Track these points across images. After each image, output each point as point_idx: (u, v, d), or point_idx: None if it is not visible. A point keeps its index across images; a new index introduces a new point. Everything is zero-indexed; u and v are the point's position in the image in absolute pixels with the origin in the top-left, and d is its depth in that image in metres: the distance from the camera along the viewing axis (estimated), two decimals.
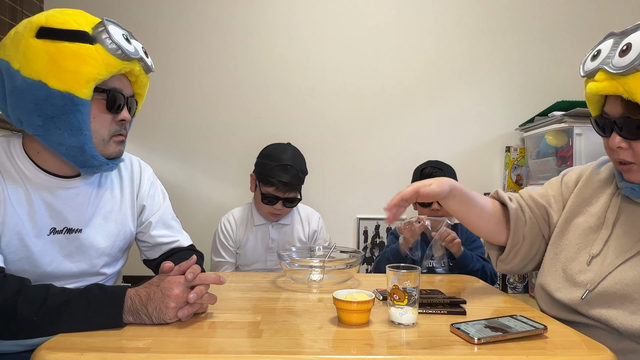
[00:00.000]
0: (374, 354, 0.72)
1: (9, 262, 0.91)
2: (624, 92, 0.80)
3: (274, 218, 1.73)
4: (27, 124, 0.92)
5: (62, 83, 0.88)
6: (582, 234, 0.98)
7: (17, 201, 0.93)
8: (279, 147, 1.71)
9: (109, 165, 1.00)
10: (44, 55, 0.87)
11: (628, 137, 0.85)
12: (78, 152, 0.94)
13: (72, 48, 0.88)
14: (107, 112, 0.96)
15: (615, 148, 0.87)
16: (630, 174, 0.89)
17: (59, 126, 0.90)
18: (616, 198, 0.95)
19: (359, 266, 1.21)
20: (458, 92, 2.38)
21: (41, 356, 0.69)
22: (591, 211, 0.99)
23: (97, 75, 0.90)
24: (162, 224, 1.16)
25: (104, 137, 0.97)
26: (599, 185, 1.01)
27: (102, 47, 0.90)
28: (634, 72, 0.77)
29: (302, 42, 2.36)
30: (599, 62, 0.85)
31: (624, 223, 0.92)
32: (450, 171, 1.72)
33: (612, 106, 0.86)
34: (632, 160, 0.87)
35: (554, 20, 2.37)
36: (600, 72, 0.84)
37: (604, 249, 0.93)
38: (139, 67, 0.99)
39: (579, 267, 0.96)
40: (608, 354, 0.73)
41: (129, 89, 1.02)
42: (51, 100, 0.88)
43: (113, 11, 2.31)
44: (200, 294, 0.86)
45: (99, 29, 0.91)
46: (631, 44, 0.79)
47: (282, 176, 1.60)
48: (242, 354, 0.70)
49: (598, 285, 0.90)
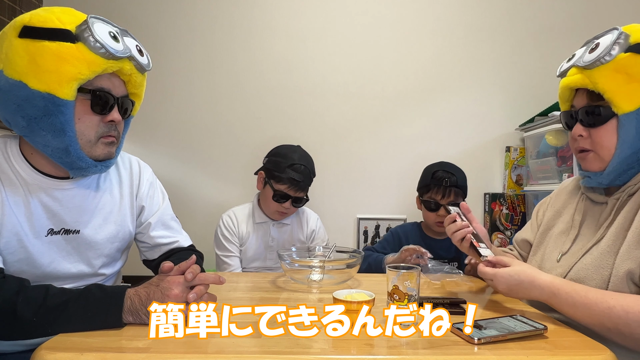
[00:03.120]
0: (374, 354, 0.72)
1: (8, 263, 0.91)
2: (589, 83, 0.93)
3: (280, 216, 1.74)
4: (13, 125, 0.92)
5: (42, 83, 0.86)
6: (556, 239, 1.09)
7: (15, 202, 0.92)
8: (290, 148, 1.73)
9: (98, 168, 0.97)
10: (24, 55, 0.85)
11: (588, 124, 0.96)
12: (63, 153, 0.92)
13: (52, 47, 0.85)
14: (93, 113, 0.93)
15: (577, 137, 0.98)
16: (587, 161, 0.99)
17: (42, 127, 0.89)
18: (582, 202, 1.07)
19: (358, 266, 1.21)
20: (458, 92, 2.37)
21: (41, 356, 0.69)
22: (563, 219, 1.11)
23: (78, 74, 0.87)
24: (161, 225, 1.16)
25: (90, 138, 0.94)
26: (568, 197, 1.13)
27: (85, 45, 0.87)
28: (599, 64, 0.90)
29: (302, 42, 2.35)
30: (572, 62, 0.99)
31: (588, 222, 1.03)
32: (461, 176, 1.71)
33: (579, 99, 0.99)
34: (590, 148, 0.97)
35: (554, 21, 2.36)
36: (572, 69, 0.98)
37: (572, 247, 1.03)
38: (129, 65, 0.96)
39: (550, 264, 1.06)
40: (608, 353, 0.73)
41: (120, 89, 0.98)
42: (32, 101, 0.86)
43: (113, 11, 2.30)
44: (200, 294, 0.86)
45: (82, 27, 0.88)
46: (599, 43, 0.93)
47: (295, 174, 1.63)
48: (242, 354, 0.70)
49: (566, 276, 0.99)
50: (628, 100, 0.89)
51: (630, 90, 0.89)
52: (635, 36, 0.89)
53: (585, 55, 0.94)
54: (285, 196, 1.66)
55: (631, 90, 0.89)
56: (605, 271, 0.92)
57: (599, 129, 0.94)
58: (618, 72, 0.89)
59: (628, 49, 0.88)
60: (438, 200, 1.66)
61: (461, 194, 1.69)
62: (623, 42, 0.89)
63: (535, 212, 1.24)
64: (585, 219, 1.04)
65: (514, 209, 2.31)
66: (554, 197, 1.19)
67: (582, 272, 0.96)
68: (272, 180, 1.66)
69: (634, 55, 0.88)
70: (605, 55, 0.89)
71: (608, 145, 0.94)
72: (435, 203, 1.67)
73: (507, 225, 2.30)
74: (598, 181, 0.98)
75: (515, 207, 2.31)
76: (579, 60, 0.96)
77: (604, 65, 0.89)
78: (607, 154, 0.95)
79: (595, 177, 0.98)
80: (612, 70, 0.89)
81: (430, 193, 1.69)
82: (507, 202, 2.31)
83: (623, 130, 0.91)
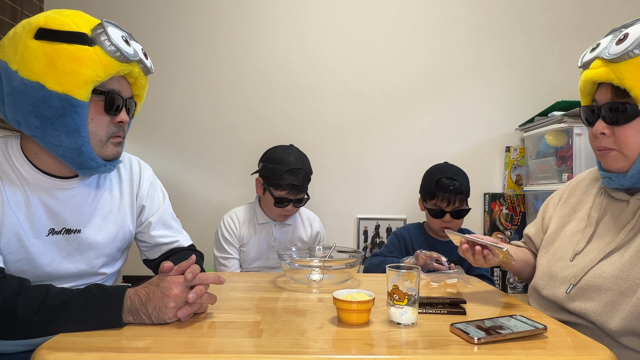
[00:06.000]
0: (374, 354, 0.72)
1: (8, 263, 0.91)
2: (614, 78, 0.84)
3: (284, 219, 1.76)
4: (24, 125, 0.92)
5: (60, 85, 0.88)
6: (570, 237, 1.02)
7: (15, 202, 0.92)
8: (284, 150, 1.71)
9: (107, 167, 1.00)
10: (41, 57, 0.87)
11: (611, 122, 0.88)
12: (75, 153, 0.93)
13: (70, 50, 0.88)
14: (104, 113, 0.96)
15: (599, 135, 0.91)
16: (608, 159, 0.92)
17: (56, 127, 0.90)
18: (599, 197, 0.99)
19: (359, 266, 1.21)
20: (458, 92, 2.37)
21: (41, 356, 0.69)
22: (579, 216, 1.03)
23: (95, 77, 0.90)
24: (161, 224, 1.16)
25: (102, 138, 0.97)
26: (584, 191, 1.05)
27: (101, 49, 0.90)
28: (627, 58, 0.82)
29: (302, 41, 2.35)
30: (596, 53, 0.89)
31: (607, 220, 0.96)
32: (465, 181, 1.70)
33: (602, 94, 0.90)
34: (613, 147, 0.90)
35: (554, 20, 2.36)
36: (596, 61, 0.88)
37: (587, 246, 0.96)
38: (138, 68, 0.99)
39: (563, 264, 1.00)
40: (608, 353, 0.73)
41: (127, 91, 1.01)
42: (49, 101, 0.88)
43: (113, 12, 2.31)
44: (200, 294, 0.86)
45: (97, 30, 0.91)
46: (628, 34, 0.83)
47: (294, 179, 1.63)
48: (242, 354, 0.70)
49: (581, 279, 0.94)
50: None
51: None
52: None
53: (612, 47, 0.85)
54: (287, 200, 1.66)
55: None
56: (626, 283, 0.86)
57: (624, 127, 0.87)
58: None
59: None
60: (443, 207, 1.67)
61: (465, 199, 1.70)
62: None
63: (543, 208, 1.17)
64: (603, 217, 0.96)
65: (514, 209, 2.31)
66: (568, 192, 1.10)
67: (599, 280, 0.91)
68: (271, 188, 1.66)
69: None
70: (635, 49, 0.81)
71: (633, 145, 0.86)
72: (441, 211, 1.67)
73: (506, 225, 2.30)
74: (620, 183, 0.91)
75: (515, 207, 2.31)
76: (604, 51, 0.86)
77: (633, 59, 0.81)
78: (633, 154, 0.87)
79: (618, 178, 0.91)
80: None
81: (435, 200, 1.68)
82: (506, 202, 2.31)
83: None
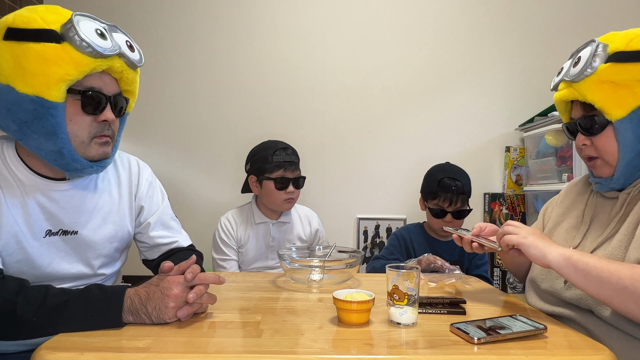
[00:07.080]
0: (374, 354, 0.72)
1: (7, 265, 0.91)
2: (579, 95, 0.96)
3: (289, 205, 1.75)
4: (5, 129, 0.90)
5: (30, 86, 0.84)
6: (565, 233, 1.08)
7: (12, 204, 0.92)
8: (264, 142, 1.79)
9: (94, 168, 0.96)
10: (9, 59, 0.83)
11: (588, 133, 0.98)
12: (57, 156, 0.91)
13: (37, 49, 0.82)
14: (84, 113, 0.91)
15: (581, 146, 1.01)
16: (598, 169, 1.01)
17: (33, 131, 0.87)
18: (592, 198, 1.07)
19: (359, 266, 1.21)
20: (458, 92, 2.38)
21: (41, 356, 0.69)
22: (573, 215, 1.10)
23: (65, 75, 0.85)
24: (160, 225, 1.16)
25: (84, 139, 0.93)
26: (577, 194, 1.14)
27: (70, 45, 0.84)
28: (583, 77, 0.93)
29: (302, 41, 2.35)
30: (561, 76, 1.02)
31: (600, 217, 1.03)
32: (466, 181, 1.70)
33: (576, 110, 1.02)
34: (596, 155, 1.00)
35: (554, 20, 2.37)
36: (562, 83, 1.01)
37: (582, 241, 1.02)
38: (119, 63, 0.93)
39: None
40: (608, 353, 0.73)
41: (112, 87, 0.96)
42: (21, 105, 0.85)
43: (113, 11, 2.30)
44: (200, 294, 0.86)
45: (67, 25, 0.85)
46: (581, 57, 0.96)
47: (285, 156, 1.70)
48: (242, 354, 0.70)
49: None
50: (618, 107, 0.91)
51: (619, 97, 0.91)
52: (612, 45, 0.91)
53: (571, 70, 0.98)
54: (286, 180, 1.68)
55: (620, 97, 0.90)
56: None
57: (599, 137, 0.97)
58: (603, 82, 0.91)
59: (608, 59, 0.91)
60: (445, 208, 1.66)
61: (467, 199, 1.70)
62: (602, 53, 0.92)
63: (543, 211, 1.25)
64: (596, 214, 1.04)
65: (514, 209, 2.31)
66: (563, 195, 1.20)
67: None
68: (265, 174, 1.69)
69: (614, 64, 0.89)
70: (587, 68, 0.92)
71: (611, 151, 0.96)
72: (442, 211, 1.67)
73: None
74: (610, 186, 1.00)
75: (515, 207, 2.31)
76: (566, 74, 0.99)
77: (589, 77, 0.92)
78: (612, 159, 0.96)
79: (607, 182, 1.00)
80: (597, 81, 0.91)
81: (437, 200, 1.68)
82: (506, 202, 2.31)
83: (621, 136, 0.93)
